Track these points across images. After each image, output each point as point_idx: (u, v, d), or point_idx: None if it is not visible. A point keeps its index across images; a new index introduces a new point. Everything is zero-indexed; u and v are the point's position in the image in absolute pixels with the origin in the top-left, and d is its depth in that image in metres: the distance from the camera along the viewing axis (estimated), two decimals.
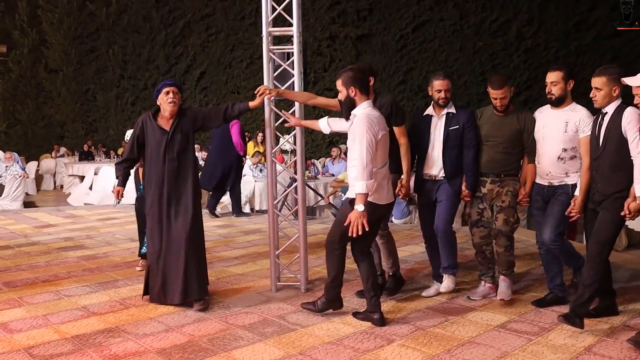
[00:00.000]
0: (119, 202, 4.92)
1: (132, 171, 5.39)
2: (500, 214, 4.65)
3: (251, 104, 4.80)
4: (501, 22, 17.28)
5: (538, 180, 4.55)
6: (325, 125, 4.74)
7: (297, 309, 4.67)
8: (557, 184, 4.44)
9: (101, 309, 4.75)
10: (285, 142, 5.53)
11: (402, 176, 4.76)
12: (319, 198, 10.30)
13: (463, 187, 4.74)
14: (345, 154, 13.20)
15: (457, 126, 4.68)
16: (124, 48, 19.71)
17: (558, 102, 4.41)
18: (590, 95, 4.05)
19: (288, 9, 5.09)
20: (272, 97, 4.88)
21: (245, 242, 7.52)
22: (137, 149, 4.80)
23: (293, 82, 5.12)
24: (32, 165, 15.52)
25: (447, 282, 4.80)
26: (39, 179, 16.14)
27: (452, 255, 4.79)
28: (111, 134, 20.06)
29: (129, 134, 14.12)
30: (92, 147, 17.87)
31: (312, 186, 10.30)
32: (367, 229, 4.01)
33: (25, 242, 7.64)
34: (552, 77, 4.40)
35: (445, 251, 4.77)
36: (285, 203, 8.87)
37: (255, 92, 4.80)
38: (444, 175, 4.73)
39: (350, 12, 18.12)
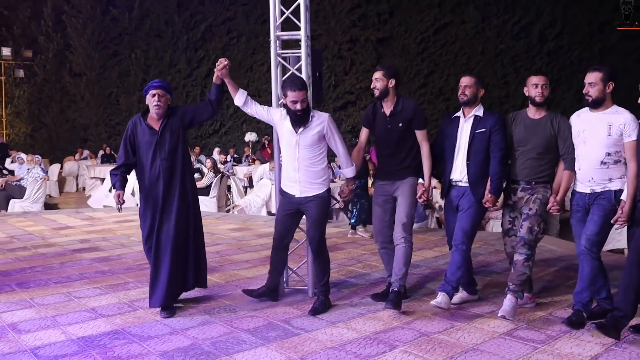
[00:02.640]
0: (121, 206, 4.79)
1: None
2: (525, 221, 4.40)
3: (213, 80, 4.76)
4: (524, 24, 17.13)
5: (579, 189, 4.30)
6: (243, 98, 4.78)
7: (303, 313, 4.65)
8: (599, 191, 4.17)
9: (109, 311, 4.79)
10: None
11: (423, 180, 4.72)
12: (334, 202, 10.26)
13: (486, 192, 4.51)
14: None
15: (484, 129, 4.52)
16: (146, 52, 19.98)
17: (595, 105, 4.18)
18: (639, 101, 3.88)
19: (297, 13, 5.09)
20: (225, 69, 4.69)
21: (258, 245, 7.52)
22: (132, 152, 4.72)
23: None
24: (55, 168, 15.78)
25: (439, 298, 4.48)
26: (62, 181, 16.40)
27: (458, 272, 4.52)
28: None
29: None
30: (109, 150, 18.01)
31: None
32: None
33: (42, 243, 7.76)
34: (591, 77, 4.17)
35: (452, 266, 4.53)
36: None
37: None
38: (467, 180, 4.56)
39: (370, 16, 18.11)
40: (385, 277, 5.15)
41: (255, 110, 4.82)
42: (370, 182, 9.62)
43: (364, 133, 5.03)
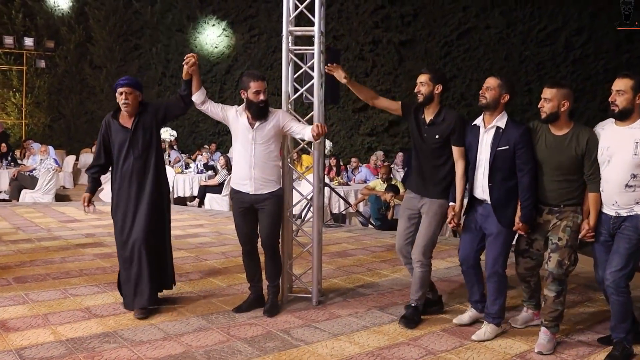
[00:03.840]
0: (88, 209, 4.73)
1: None
2: (554, 253, 3.95)
3: (183, 76, 4.58)
4: (549, 31, 16.72)
5: (604, 210, 3.85)
6: (202, 97, 4.61)
7: (304, 323, 4.43)
8: (625, 215, 3.74)
9: (103, 311, 4.61)
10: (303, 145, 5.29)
11: (453, 203, 4.29)
12: (346, 206, 10.04)
13: (517, 219, 4.05)
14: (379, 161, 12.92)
15: (507, 146, 3.99)
16: (167, 47, 19.87)
17: (621, 116, 3.71)
18: None
19: (312, 9, 4.88)
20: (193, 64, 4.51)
21: None
22: (105, 153, 4.61)
23: (313, 84, 4.93)
24: (70, 159, 15.71)
25: (484, 330, 4.20)
26: (77, 173, 16.33)
27: (497, 301, 4.20)
28: None
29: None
30: None
31: (342, 193, 10.06)
32: None
33: (47, 236, 7.62)
34: (620, 84, 3.69)
35: (491, 296, 4.22)
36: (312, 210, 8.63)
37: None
38: (490, 201, 4.11)
39: (394, 17, 17.83)
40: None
41: (210, 109, 4.66)
42: (383, 186, 9.38)
43: (394, 103, 4.59)
